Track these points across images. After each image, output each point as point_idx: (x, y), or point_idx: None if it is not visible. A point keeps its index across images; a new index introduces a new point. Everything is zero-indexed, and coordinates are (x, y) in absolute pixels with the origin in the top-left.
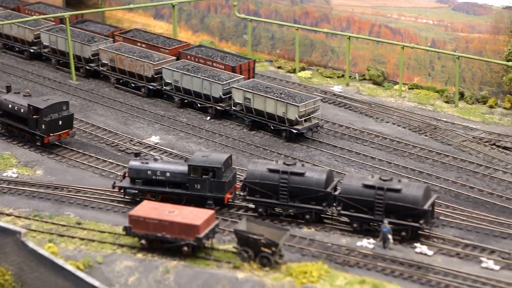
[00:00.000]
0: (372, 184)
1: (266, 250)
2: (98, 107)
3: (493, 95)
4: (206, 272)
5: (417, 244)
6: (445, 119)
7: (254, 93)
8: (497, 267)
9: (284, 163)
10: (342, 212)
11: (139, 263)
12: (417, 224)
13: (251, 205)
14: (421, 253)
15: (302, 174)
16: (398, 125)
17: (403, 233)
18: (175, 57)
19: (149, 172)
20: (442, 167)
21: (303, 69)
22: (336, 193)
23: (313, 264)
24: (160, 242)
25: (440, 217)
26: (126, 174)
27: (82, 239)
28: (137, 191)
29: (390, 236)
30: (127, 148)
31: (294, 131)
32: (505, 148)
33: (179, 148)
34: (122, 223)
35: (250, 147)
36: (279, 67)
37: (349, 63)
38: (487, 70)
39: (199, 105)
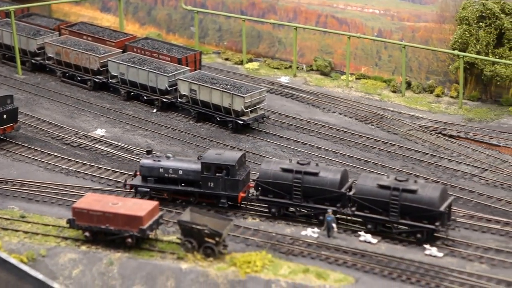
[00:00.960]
0: (387, 184)
1: (210, 240)
2: (44, 101)
3: (440, 84)
4: (150, 263)
5: (362, 233)
6: (391, 109)
7: (200, 84)
8: (440, 254)
9: (297, 162)
10: (357, 213)
11: (83, 256)
12: (432, 226)
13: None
14: (365, 241)
15: (316, 174)
16: (345, 115)
17: (418, 235)
18: (121, 50)
19: (161, 170)
20: (388, 156)
21: (250, 60)
22: (351, 193)
23: (257, 253)
24: (104, 234)
25: None
26: (138, 172)
27: (26, 232)
28: (148, 190)
29: (334, 225)
30: (73, 142)
31: (240, 122)
32: (450, 136)
33: (125, 141)
34: (67, 216)
35: (197, 139)
36: (226, 59)
37: (296, 54)
38: (433, 59)
39: (145, 97)
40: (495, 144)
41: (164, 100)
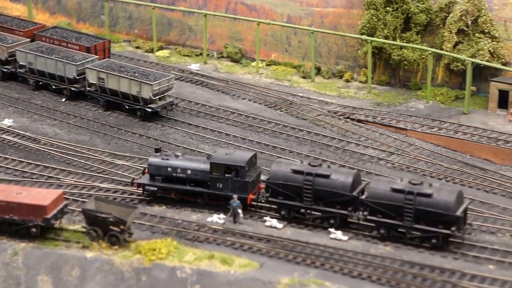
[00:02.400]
0: (401, 188)
1: (114, 228)
2: None
3: (349, 69)
4: (55, 253)
5: (267, 218)
6: (301, 94)
7: (108, 73)
8: (345, 238)
9: (309, 164)
10: (369, 217)
11: None
12: (448, 231)
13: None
14: (271, 226)
15: (327, 176)
16: (254, 102)
17: (434, 241)
18: (30, 39)
19: (169, 169)
20: (296, 142)
21: (161, 48)
22: (363, 197)
23: (162, 241)
24: (8, 225)
25: None
26: (146, 171)
27: None
28: (156, 189)
29: (240, 211)
30: None
31: (148, 110)
32: (359, 121)
33: (33, 130)
34: None
35: (105, 128)
36: (137, 47)
37: (206, 41)
38: (342, 45)
39: (54, 87)
40: (402, 128)
41: (73, 89)
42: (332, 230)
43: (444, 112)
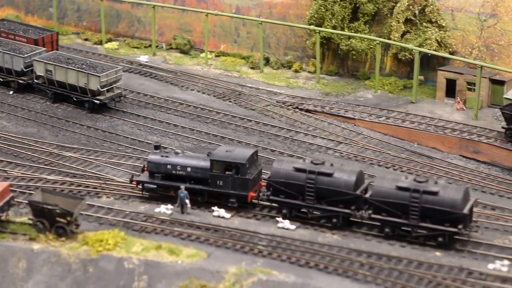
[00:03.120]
0: (407, 186)
1: (61, 220)
2: None
3: (298, 59)
4: (2, 245)
5: (215, 208)
6: (250, 85)
7: (55, 65)
8: (293, 227)
9: (311, 162)
10: (373, 216)
11: None
12: (455, 229)
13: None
14: (219, 216)
15: (330, 175)
16: (203, 93)
17: (440, 239)
18: None
19: (169, 167)
20: (245, 132)
21: (110, 40)
22: (367, 195)
23: (109, 232)
24: None
25: None
26: (145, 168)
27: None
28: (156, 186)
29: (187, 201)
30: None
31: (96, 101)
32: (307, 111)
33: None
34: None
35: (53, 120)
36: (86, 39)
37: (155, 32)
38: (291, 35)
39: (1, 79)
40: (350, 117)
41: (20, 81)
42: (279, 219)
43: (392, 102)
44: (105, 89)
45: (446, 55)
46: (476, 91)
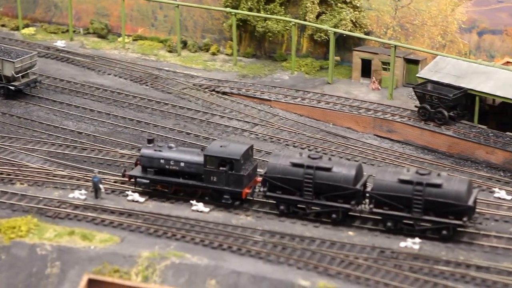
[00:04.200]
0: (409, 179)
1: None
2: None
3: (216, 42)
4: None
5: (129, 193)
6: (167, 68)
7: None
8: (207, 209)
9: (309, 157)
10: (375, 210)
11: None
12: (460, 222)
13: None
14: (133, 200)
15: (329, 169)
16: (120, 77)
17: (444, 232)
18: None
19: (162, 161)
20: (161, 115)
21: (27, 26)
22: (368, 189)
23: (22, 218)
24: None
25: None
26: (138, 162)
27: None
28: (148, 181)
29: (101, 186)
30: None
31: (11, 87)
32: (224, 93)
33: None
34: None
35: None
36: (2, 25)
37: (72, 17)
38: (208, 18)
39: None
40: (266, 99)
41: None
42: (193, 202)
43: (309, 83)
44: (20, 75)
45: (361, 35)
46: (390, 71)
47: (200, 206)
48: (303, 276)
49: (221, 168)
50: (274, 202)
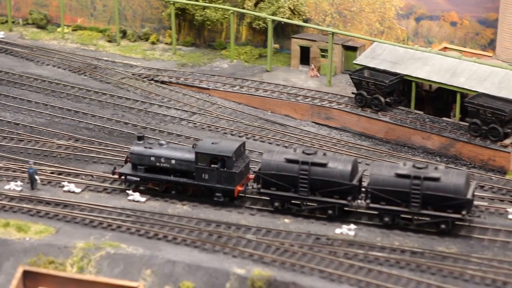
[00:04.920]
0: (407, 173)
1: None
2: None
3: (155, 31)
4: None
5: (65, 183)
6: (106, 58)
7: None
8: (143, 199)
9: (303, 152)
10: (372, 205)
11: None
12: (459, 216)
13: None
14: (69, 191)
15: (324, 165)
16: (59, 67)
17: (443, 226)
18: None
19: (152, 159)
20: (99, 105)
21: None
22: (365, 184)
23: None
24: None
25: (92, 154)
26: (128, 159)
27: None
28: (138, 179)
29: (37, 177)
30: None
31: None
32: (162, 82)
33: None
34: None
35: None
36: None
37: (10, 8)
38: (147, 7)
39: None
40: (205, 88)
41: None
42: (130, 192)
43: (248, 71)
44: None
45: (299, 22)
46: (328, 58)
47: (136, 196)
48: (238, 264)
49: (212, 166)
50: (268, 198)
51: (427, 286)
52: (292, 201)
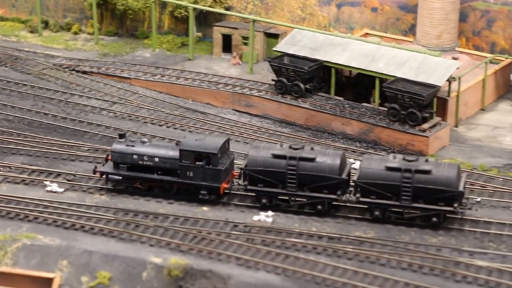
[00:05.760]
0: (397, 166)
1: None
2: None
3: (77, 21)
4: None
5: None
6: (27, 49)
7: None
8: (61, 190)
9: (290, 147)
10: (362, 199)
11: None
12: (451, 208)
13: None
14: None
15: (312, 160)
16: None
17: (434, 219)
18: None
19: (135, 157)
20: (19, 97)
21: None
22: (355, 178)
23: None
24: None
25: (11, 146)
26: (109, 157)
27: None
28: (121, 178)
29: None
30: None
31: None
32: (84, 72)
33: None
34: None
35: None
36: None
37: None
38: None
39: None
40: (126, 77)
41: None
42: (47, 183)
43: (170, 59)
44: None
45: (221, 10)
46: (249, 45)
47: (54, 186)
48: (155, 253)
49: (197, 163)
50: (254, 195)
51: (344, 271)
52: (280, 197)
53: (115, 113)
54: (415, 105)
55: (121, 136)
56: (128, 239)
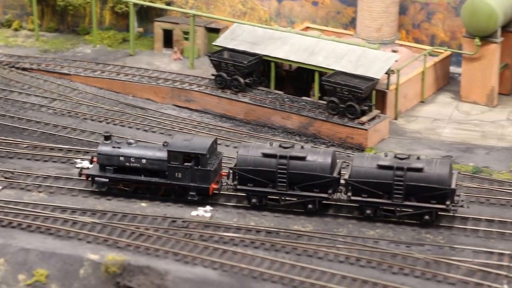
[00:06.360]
0: (389, 164)
1: None
2: None
3: (18, 17)
4: None
5: None
6: None
7: None
8: None
9: (280, 146)
10: (353, 198)
11: None
12: (443, 206)
13: None
14: None
15: (303, 158)
16: None
17: (426, 217)
18: None
19: (121, 158)
20: None
21: None
22: (346, 176)
23: None
24: None
25: None
26: (94, 159)
27: None
28: (107, 180)
29: None
30: None
31: None
32: (24, 69)
33: None
34: None
35: None
36: None
37: None
38: None
39: None
40: (66, 73)
41: None
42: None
43: (111, 55)
44: None
45: (162, 5)
46: (190, 40)
47: None
48: (92, 250)
49: (186, 164)
50: (245, 195)
51: (281, 264)
52: (270, 197)
53: (55, 109)
54: (354, 98)
55: (107, 138)
56: (65, 236)
